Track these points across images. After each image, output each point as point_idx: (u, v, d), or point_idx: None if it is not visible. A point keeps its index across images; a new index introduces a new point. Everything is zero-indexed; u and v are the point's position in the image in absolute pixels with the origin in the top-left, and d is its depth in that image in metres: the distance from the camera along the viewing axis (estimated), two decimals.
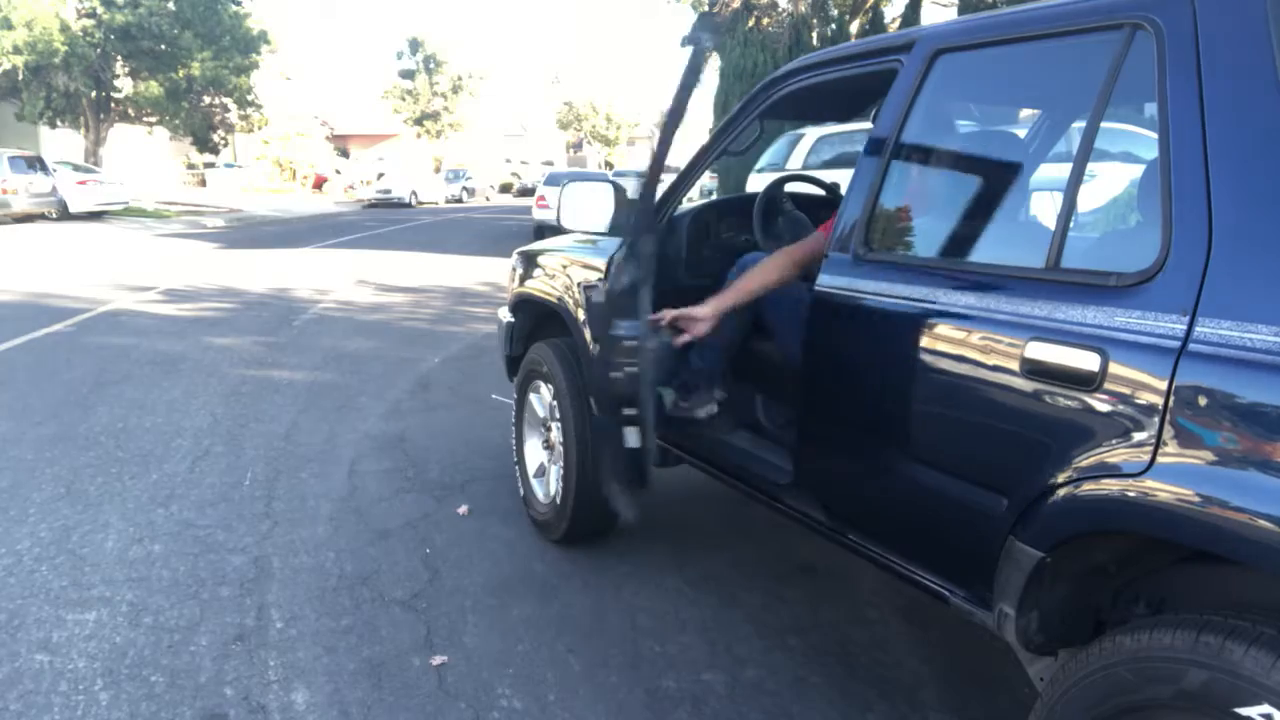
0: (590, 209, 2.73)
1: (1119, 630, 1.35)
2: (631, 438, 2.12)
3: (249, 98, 23.39)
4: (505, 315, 3.51)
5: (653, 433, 2.17)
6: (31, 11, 18.47)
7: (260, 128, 25.93)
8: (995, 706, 2.23)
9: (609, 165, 51.19)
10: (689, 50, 2.09)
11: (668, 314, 2.23)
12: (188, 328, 7.06)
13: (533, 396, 3.22)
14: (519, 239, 14.39)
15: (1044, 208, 2.12)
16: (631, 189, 2.32)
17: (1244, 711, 1.11)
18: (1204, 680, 1.16)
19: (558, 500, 2.99)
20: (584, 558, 3.01)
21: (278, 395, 5.06)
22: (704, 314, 2.20)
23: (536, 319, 3.36)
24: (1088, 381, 1.36)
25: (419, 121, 41.31)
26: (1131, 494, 1.28)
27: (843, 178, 2.35)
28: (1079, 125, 1.65)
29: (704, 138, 2.82)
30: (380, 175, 30.51)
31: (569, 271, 2.99)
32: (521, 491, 3.26)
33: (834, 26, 16.49)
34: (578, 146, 62.73)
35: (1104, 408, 1.34)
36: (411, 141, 42.97)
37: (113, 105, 22.33)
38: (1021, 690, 2.21)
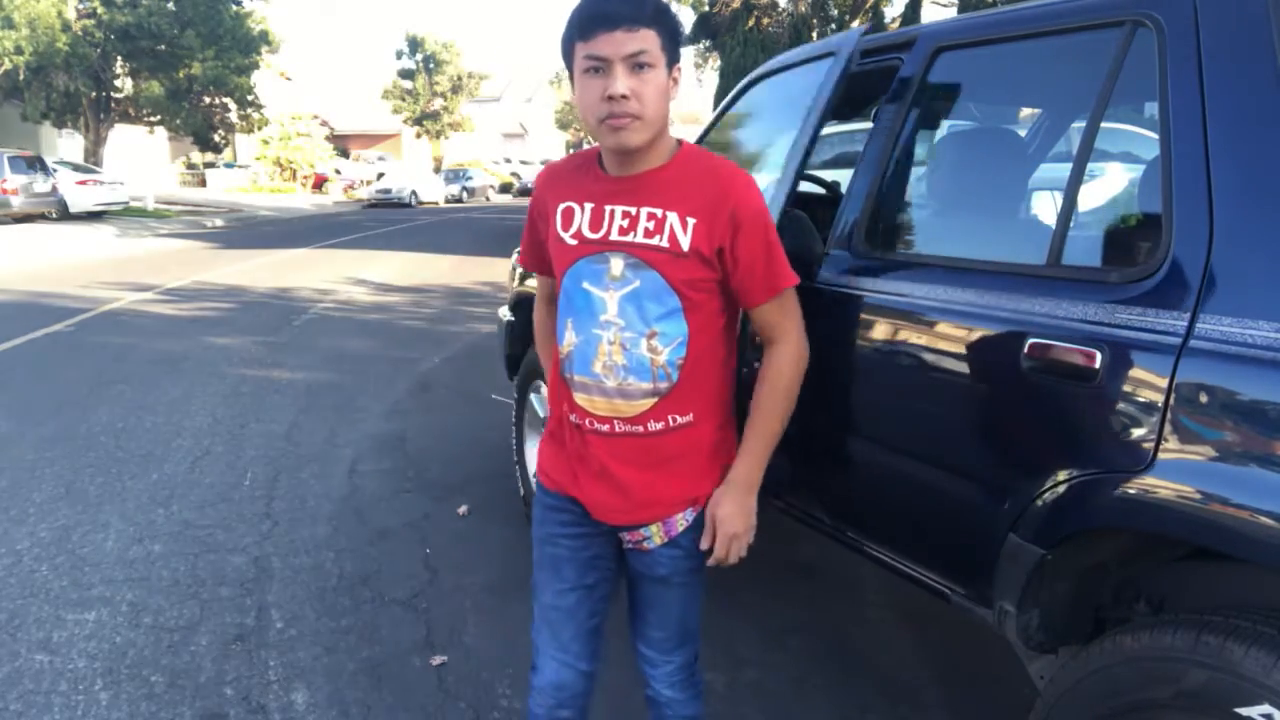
0: None
1: (1119, 630, 1.35)
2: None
3: (249, 97, 23.36)
4: (505, 314, 3.51)
5: None
6: (33, 11, 18.45)
7: (260, 128, 25.90)
8: (995, 706, 2.23)
9: None
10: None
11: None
12: (188, 328, 7.06)
13: (533, 396, 3.21)
14: (519, 239, 14.34)
15: (1044, 205, 2.12)
16: None
17: (1244, 711, 1.11)
18: (1204, 680, 1.16)
19: None
20: None
21: (278, 395, 5.06)
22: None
23: None
24: (1088, 378, 1.35)
25: (419, 121, 41.27)
26: (1132, 491, 1.28)
27: (843, 177, 2.35)
28: (1080, 122, 1.64)
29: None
30: (380, 175, 30.48)
31: None
32: (521, 491, 3.25)
33: (834, 26, 16.50)
34: (578, 146, 62.80)
35: (1105, 405, 1.34)
36: (411, 141, 42.95)
37: (113, 105, 22.31)
38: (1022, 690, 2.20)
